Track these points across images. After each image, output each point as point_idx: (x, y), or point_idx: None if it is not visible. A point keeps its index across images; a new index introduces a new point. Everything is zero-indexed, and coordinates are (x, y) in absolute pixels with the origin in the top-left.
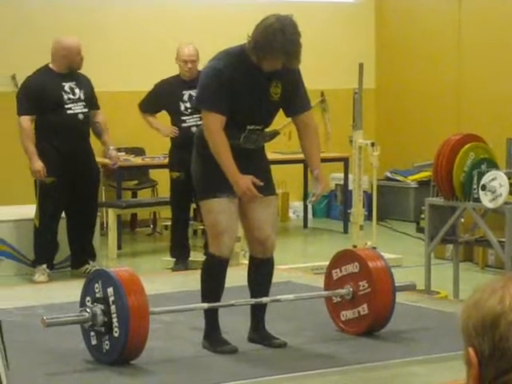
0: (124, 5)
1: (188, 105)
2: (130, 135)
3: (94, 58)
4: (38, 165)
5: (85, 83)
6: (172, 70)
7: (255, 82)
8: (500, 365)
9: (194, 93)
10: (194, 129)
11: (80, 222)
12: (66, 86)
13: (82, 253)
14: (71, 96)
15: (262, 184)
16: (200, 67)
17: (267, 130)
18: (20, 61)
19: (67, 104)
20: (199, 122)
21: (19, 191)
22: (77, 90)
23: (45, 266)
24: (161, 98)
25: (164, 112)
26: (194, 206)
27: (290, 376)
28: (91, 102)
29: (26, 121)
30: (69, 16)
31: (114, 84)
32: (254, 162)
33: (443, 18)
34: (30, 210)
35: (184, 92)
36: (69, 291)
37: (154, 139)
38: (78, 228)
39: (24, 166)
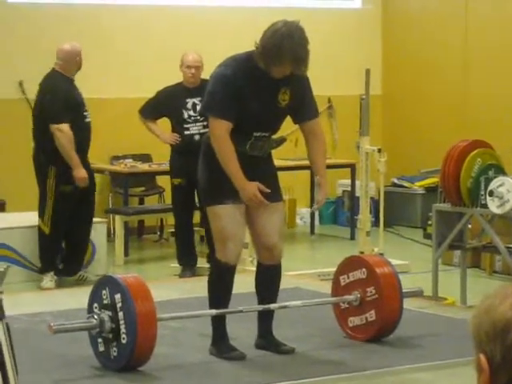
0: (129, 12)
1: (191, 113)
2: (136, 142)
3: (102, 64)
4: (84, 172)
5: None
6: (178, 77)
7: (263, 89)
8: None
9: (197, 101)
10: (197, 137)
11: (80, 229)
12: (80, 92)
13: (77, 259)
14: (84, 103)
15: (268, 191)
16: (203, 75)
17: (274, 136)
18: (27, 67)
19: (85, 112)
20: (202, 130)
21: (26, 198)
22: (83, 97)
23: (52, 272)
24: (163, 105)
25: (165, 118)
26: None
27: (298, 382)
28: None
29: (67, 127)
30: (75, 23)
31: (121, 90)
32: (260, 168)
33: (449, 24)
34: (37, 217)
35: (188, 100)
36: (76, 298)
37: (161, 146)
38: (77, 235)
39: (32, 171)
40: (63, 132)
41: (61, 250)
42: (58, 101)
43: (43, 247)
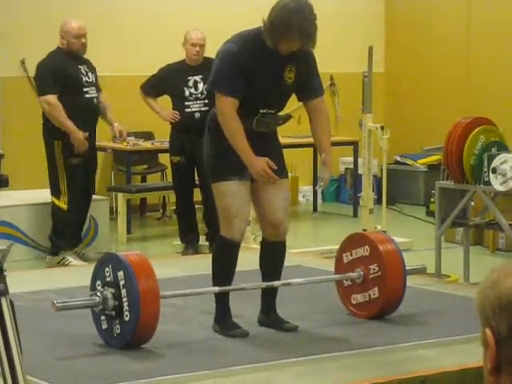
0: None
1: (193, 90)
2: (139, 120)
3: (104, 42)
4: (81, 134)
5: (92, 67)
6: (180, 55)
7: (270, 66)
8: None
9: (198, 79)
10: (197, 114)
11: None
12: (82, 68)
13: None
14: (87, 79)
15: (276, 167)
16: (207, 53)
17: (280, 113)
18: (29, 46)
19: (85, 87)
20: (203, 108)
21: (30, 175)
22: (90, 74)
23: (75, 249)
24: (165, 82)
25: (166, 96)
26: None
27: (301, 360)
28: (98, 85)
29: (53, 98)
30: (80, 0)
31: (123, 68)
32: (266, 145)
33: (453, 2)
34: (40, 195)
35: (189, 77)
36: (79, 275)
37: (163, 124)
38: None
39: (35, 149)
40: (50, 103)
41: (82, 226)
42: (44, 73)
43: (63, 225)
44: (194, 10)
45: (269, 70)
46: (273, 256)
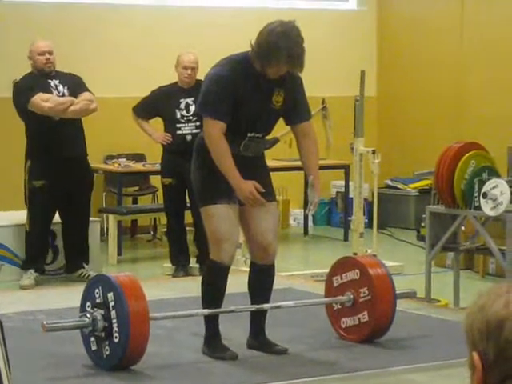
0: (125, 12)
1: (184, 113)
2: (130, 141)
3: (94, 63)
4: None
5: (66, 80)
6: (173, 77)
7: (258, 90)
8: (504, 369)
9: (190, 101)
10: (189, 137)
11: (73, 226)
12: (52, 83)
13: (76, 256)
14: (57, 93)
15: (263, 190)
16: (199, 77)
17: (267, 137)
18: (22, 66)
19: None
20: (194, 131)
21: (18, 196)
22: (60, 87)
23: (33, 270)
24: (157, 105)
25: (158, 118)
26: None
27: (290, 383)
28: (75, 95)
29: (36, 98)
30: (71, 22)
31: (113, 90)
32: (253, 169)
33: (445, 26)
34: None
35: (181, 100)
36: (69, 296)
37: (155, 146)
38: (71, 232)
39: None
40: (35, 102)
41: (45, 249)
42: (21, 87)
43: (25, 244)
44: (186, 32)
45: (257, 93)
46: (262, 279)
